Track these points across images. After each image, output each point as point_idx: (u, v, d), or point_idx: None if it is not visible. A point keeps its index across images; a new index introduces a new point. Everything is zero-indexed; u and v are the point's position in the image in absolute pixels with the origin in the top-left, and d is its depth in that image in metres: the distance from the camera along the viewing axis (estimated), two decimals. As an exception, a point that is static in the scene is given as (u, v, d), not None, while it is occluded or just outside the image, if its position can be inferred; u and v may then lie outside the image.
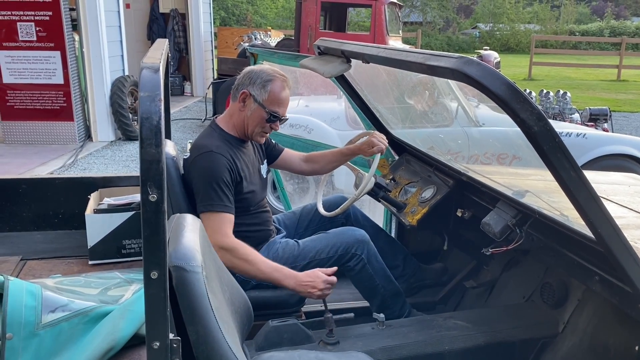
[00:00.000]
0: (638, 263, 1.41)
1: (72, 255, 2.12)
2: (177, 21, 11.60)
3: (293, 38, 9.33)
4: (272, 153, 2.52)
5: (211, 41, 12.38)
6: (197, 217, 1.55)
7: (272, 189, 4.73)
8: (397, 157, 2.99)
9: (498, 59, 10.38)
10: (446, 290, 2.68)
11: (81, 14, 7.02)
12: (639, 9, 37.94)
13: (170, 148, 2.19)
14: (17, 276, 1.90)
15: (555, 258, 1.95)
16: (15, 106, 6.94)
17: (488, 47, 14.05)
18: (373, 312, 2.16)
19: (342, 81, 2.69)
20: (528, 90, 6.27)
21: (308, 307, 2.43)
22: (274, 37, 10.70)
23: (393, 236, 3.03)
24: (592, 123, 5.98)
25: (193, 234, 1.38)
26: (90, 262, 2.03)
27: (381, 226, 2.92)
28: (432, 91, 4.66)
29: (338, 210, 2.46)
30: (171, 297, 1.13)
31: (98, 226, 2.03)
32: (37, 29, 6.71)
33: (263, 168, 2.40)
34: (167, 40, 1.78)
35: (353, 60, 2.25)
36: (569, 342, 2.02)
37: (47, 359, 1.39)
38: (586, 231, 1.59)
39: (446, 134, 4.53)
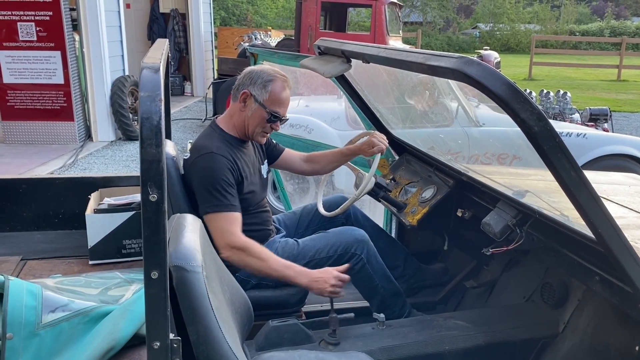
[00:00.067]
0: (638, 263, 1.41)
1: (73, 255, 2.12)
2: (178, 21, 11.60)
3: (293, 38, 9.34)
4: (273, 153, 2.52)
5: (211, 41, 12.38)
6: (198, 217, 1.55)
7: (272, 189, 4.72)
8: (398, 157, 2.99)
9: (498, 59, 10.39)
10: (446, 290, 2.68)
11: (81, 14, 7.02)
12: (639, 9, 37.93)
13: (170, 148, 2.19)
14: (18, 276, 1.90)
15: (555, 258, 1.95)
16: (15, 106, 6.94)
17: (488, 47, 14.04)
18: (373, 312, 2.16)
19: (343, 81, 2.69)
20: (528, 90, 6.26)
21: (308, 307, 2.44)
22: (274, 37, 10.69)
23: (393, 236, 3.03)
24: (593, 123, 5.98)
25: (193, 234, 1.38)
26: (90, 262, 2.03)
27: (381, 226, 2.92)
28: (433, 91, 4.66)
29: (338, 210, 2.46)
30: (171, 297, 1.13)
31: (98, 226, 2.03)
32: (38, 29, 6.71)
33: (263, 168, 2.40)
34: (168, 40, 1.78)
35: (353, 60, 2.25)
36: (569, 342, 2.02)
37: (48, 359, 1.39)
38: (586, 231, 1.59)
39: (446, 134, 4.53)
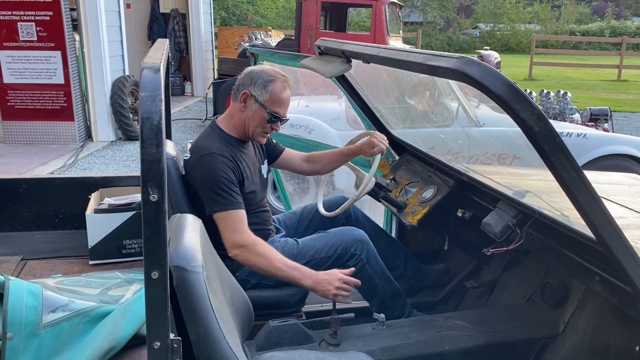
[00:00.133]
0: (638, 263, 1.41)
1: (73, 255, 2.11)
2: (178, 21, 11.60)
3: (293, 38, 9.34)
4: (273, 153, 2.52)
5: (212, 41, 12.38)
6: (198, 217, 1.55)
7: (273, 189, 4.72)
8: (398, 157, 2.99)
9: (498, 59, 10.39)
10: (447, 290, 2.68)
11: (82, 14, 7.03)
12: (639, 9, 37.92)
13: (170, 148, 2.19)
14: (18, 276, 1.90)
15: (555, 258, 1.95)
16: (15, 106, 6.94)
17: (488, 47, 14.05)
18: (373, 313, 2.15)
19: (343, 81, 2.69)
20: (528, 90, 6.26)
21: (308, 307, 2.44)
22: (275, 37, 10.70)
23: (393, 236, 3.02)
24: (593, 123, 5.98)
25: (194, 234, 1.38)
26: (90, 262, 2.03)
27: (382, 226, 2.91)
28: (433, 91, 4.65)
29: (338, 210, 2.46)
30: (172, 297, 1.13)
31: (98, 226, 2.02)
32: (38, 29, 6.72)
33: (264, 168, 2.40)
34: (168, 40, 1.78)
35: (353, 60, 2.25)
36: (570, 343, 2.02)
37: (48, 359, 1.39)
38: (587, 231, 1.59)
39: (447, 134, 4.53)
